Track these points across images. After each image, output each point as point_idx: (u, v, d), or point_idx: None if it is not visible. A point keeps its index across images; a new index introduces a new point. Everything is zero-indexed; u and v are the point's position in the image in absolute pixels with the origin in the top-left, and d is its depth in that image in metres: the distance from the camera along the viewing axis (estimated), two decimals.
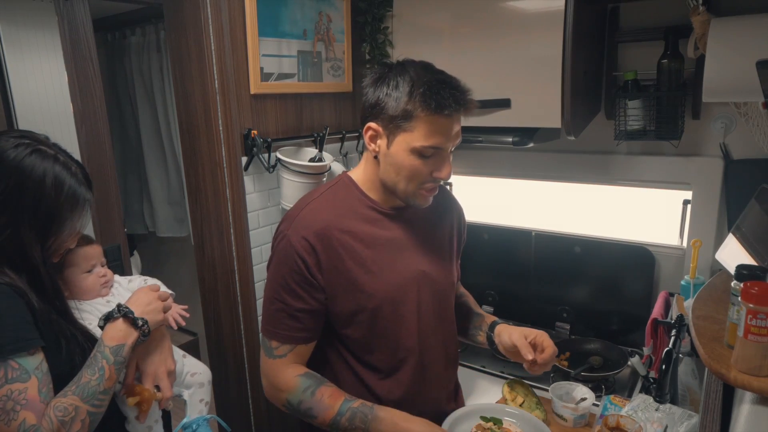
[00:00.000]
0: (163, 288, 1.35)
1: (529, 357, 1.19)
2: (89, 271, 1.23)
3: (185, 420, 1.26)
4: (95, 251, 1.25)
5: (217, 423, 1.31)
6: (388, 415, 1.09)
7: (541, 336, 1.23)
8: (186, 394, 1.30)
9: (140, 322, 1.06)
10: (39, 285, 0.99)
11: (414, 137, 1.05)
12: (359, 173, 1.20)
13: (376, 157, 1.13)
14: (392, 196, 1.16)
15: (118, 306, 1.06)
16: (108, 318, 1.05)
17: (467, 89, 1.07)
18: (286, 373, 1.13)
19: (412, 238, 1.20)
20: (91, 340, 1.07)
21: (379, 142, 1.10)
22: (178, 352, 1.30)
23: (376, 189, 1.17)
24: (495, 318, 1.38)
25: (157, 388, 1.14)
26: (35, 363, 0.92)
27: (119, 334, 1.03)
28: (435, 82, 1.04)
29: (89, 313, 1.20)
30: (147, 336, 1.08)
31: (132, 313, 1.05)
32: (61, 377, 0.97)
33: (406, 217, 1.20)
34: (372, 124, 1.10)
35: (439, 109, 1.03)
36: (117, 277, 1.35)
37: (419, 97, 1.03)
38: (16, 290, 0.94)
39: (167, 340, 1.22)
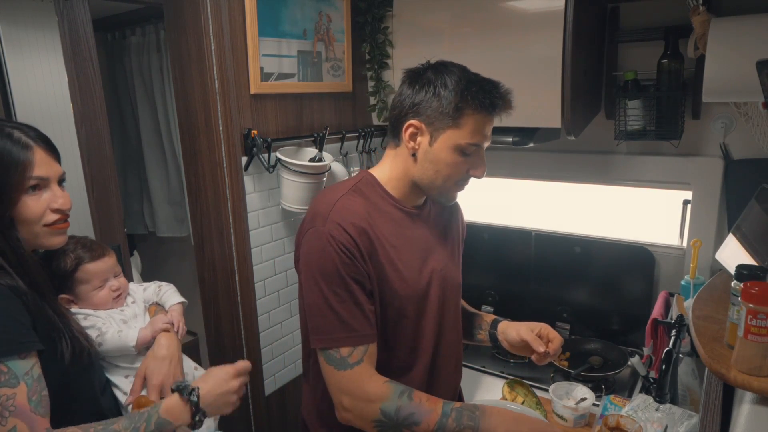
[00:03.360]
0: (176, 295, 1.33)
1: (542, 349, 1.22)
2: (101, 286, 1.20)
3: None
4: (106, 265, 1.21)
5: None
6: (496, 409, 1.06)
7: (546, 328, 1.27)
8: None
9: (197, 417, 1.01)
10: (10, 264, 0.93)
11: (461, 134, 1.08)
12: (383, 171, 1.18)
13: (413, 155, 1.12)
14: (419, 193, 1.17)
15: (193, 388, 1.02)
16: (179, 389, 1.02)
17: (510, 91, 1.12)
18: (374, 380, 1.05)
19: (431, 238, 1.21)
20: (83, 338, 1.03)
21: (419, 139, 1.11)
22: (189, 364, 1.27)
23: (400, 188, 1.16)
24: (494, 316, 1.39)
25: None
26: (26, 368, 0.88)
27: (175, 412, 1.00)
28: (485, 82, 1.08)
29: (101, 318, 1.17)
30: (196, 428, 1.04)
31: (197, 404, 1.01)
32: (53, 379, 0.94)
33: (424, 217, 1.21)
34: (414, 122, 1.10)
35: (492, 107, 1.07)
36: (132, 285, 1.32)
37: (472, 95, 1.06)
38: (15, 291, 0.91)
39: (178, 352, 1.20)
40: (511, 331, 1.29)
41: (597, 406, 1.47)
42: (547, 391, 1.53)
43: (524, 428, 1.03)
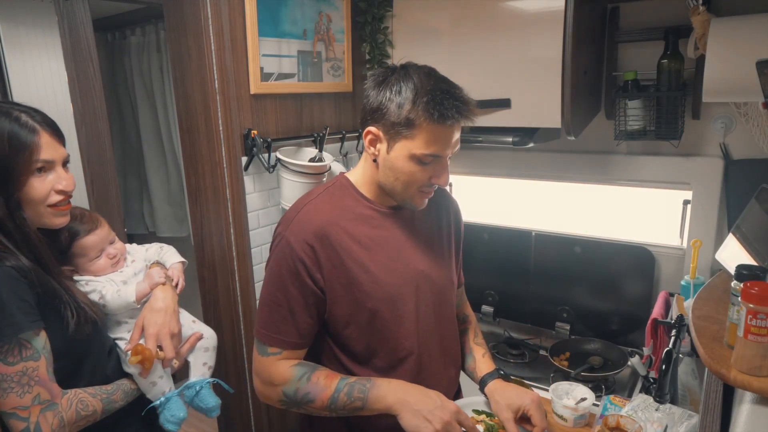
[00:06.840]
0: (177, 255, 1.39)
1: None
2: (98, 257, 1.24)
3: (188, 381, 1.30)
4: (99, 237, 1.23)
5: (219, 387, 1.34)
6: (386, 381, 1.12)
7: (532, 406, 1.20)
8: (191, 357, 1.32)
9: None
10: (14, 242, 0.99)
11: (414, 144, 1.06)
12: (357, 174, 1.20)
13: (375, 161, 1.13)
14: (389, 197, 1.17)
15: None
16: None
17: (470, 100, 1.07)
18: (280, 365, 1.13)
19: (410, 238, 1.21)
20: (89, 308, 1.10)
21: (378, 146, 1.11)
22: (187, 318, 1.32)
23: (374, 189, 1.17)
24: (489, 368, 1.34)
25: (161, 348, 1.20)
26: (42, 342, 0.99)
27: None
28: (439, 92, 1.04)
29: (100, 282, 1.21)
30: None
31: None
32: (59, 346, 1.02)
33: (404, 217, 1.21)
34: (372, 129, 1.10)
35: (442, 119, 1.03)
36: (132, 247, 1.36)
37: (422, 106, 1.03)
38: (21, 271, 0.97)
39: (174, 304, 1.25)
40: (493, 401, 1.25)
41: (597, 406, 1.47)
42: (547, 390, 1.53)
43: (412, 397, 1.08)
